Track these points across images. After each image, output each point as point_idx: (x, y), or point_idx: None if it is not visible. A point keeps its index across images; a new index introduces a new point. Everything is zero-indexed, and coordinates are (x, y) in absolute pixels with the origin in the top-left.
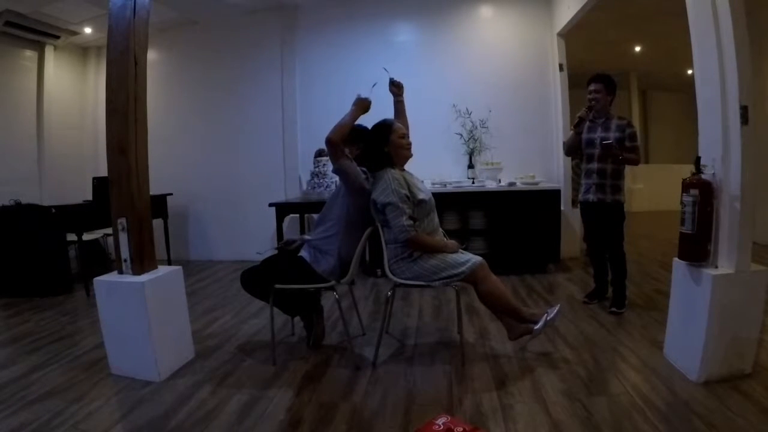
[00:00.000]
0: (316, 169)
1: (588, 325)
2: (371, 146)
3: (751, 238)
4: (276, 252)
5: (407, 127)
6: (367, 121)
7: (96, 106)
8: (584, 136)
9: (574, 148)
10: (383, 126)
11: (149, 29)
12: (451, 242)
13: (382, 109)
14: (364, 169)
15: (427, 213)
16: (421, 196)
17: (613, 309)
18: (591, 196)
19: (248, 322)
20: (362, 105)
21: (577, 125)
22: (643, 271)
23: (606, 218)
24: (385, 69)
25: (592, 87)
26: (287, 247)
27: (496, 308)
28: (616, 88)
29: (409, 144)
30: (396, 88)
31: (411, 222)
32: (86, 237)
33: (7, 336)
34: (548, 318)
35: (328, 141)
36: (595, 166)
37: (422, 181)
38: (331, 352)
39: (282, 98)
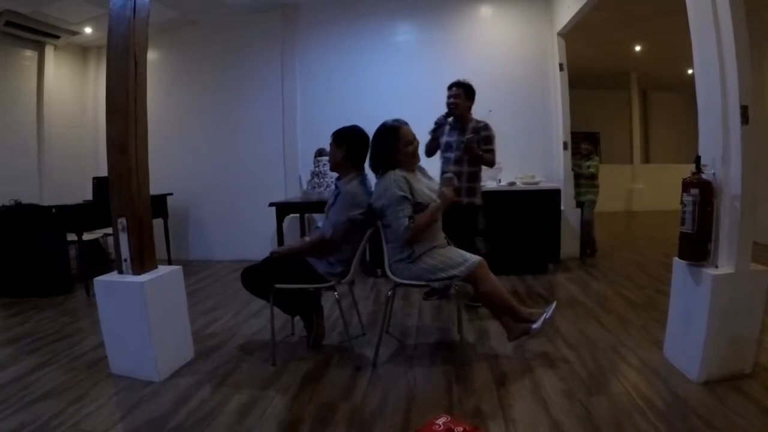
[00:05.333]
0: (316, 169)
1: (588, 325)
2: (377, 151)
3: (751, 238)
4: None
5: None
6: (366, 122)
7: (96, 106)
8: (443, 139)
9: (432, 151)
10: (390, 131)
11: (149, 29)
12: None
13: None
14: (361, 177)
15: None
16: (419, 200)
17: (469, 303)
18: None
19: (248, 321)
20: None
21: (435, 130)
22: (643, 271)
23: (461, 220)
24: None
25: (452, 91)
26: (272, 257)
27: (495, 308)
28: (475, 96)
29: (416, 149)
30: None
31: (408, 221)
32: (86, 237)
33: (7, 336)
34: (546, 317)
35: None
36: (451, 169)
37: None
38: (331, 352)
39: (282, 98)
